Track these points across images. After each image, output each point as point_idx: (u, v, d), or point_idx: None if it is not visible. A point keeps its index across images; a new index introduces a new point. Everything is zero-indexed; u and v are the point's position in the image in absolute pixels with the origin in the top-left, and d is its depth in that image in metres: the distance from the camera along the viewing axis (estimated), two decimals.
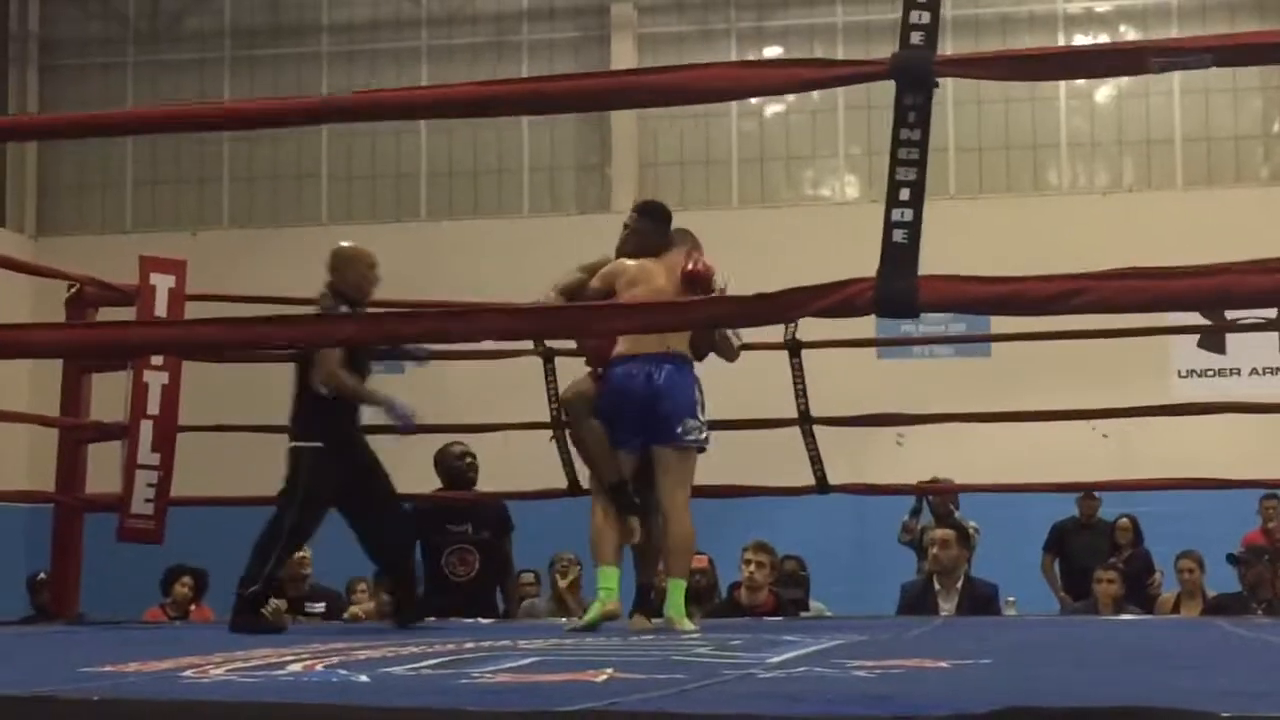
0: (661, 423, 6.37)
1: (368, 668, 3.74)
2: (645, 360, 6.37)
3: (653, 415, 6.37)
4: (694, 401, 6.41)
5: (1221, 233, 10.88)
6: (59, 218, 16.56)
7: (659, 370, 6.37)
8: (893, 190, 3.04)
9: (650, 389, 6.37)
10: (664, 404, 6.35)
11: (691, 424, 6.37)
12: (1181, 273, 3.02)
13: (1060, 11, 15.38)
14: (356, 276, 6.74)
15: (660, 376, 6.37)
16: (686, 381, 6.43)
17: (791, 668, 3.78)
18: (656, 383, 6.37)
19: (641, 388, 6.39)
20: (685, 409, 6.38)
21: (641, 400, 6.38)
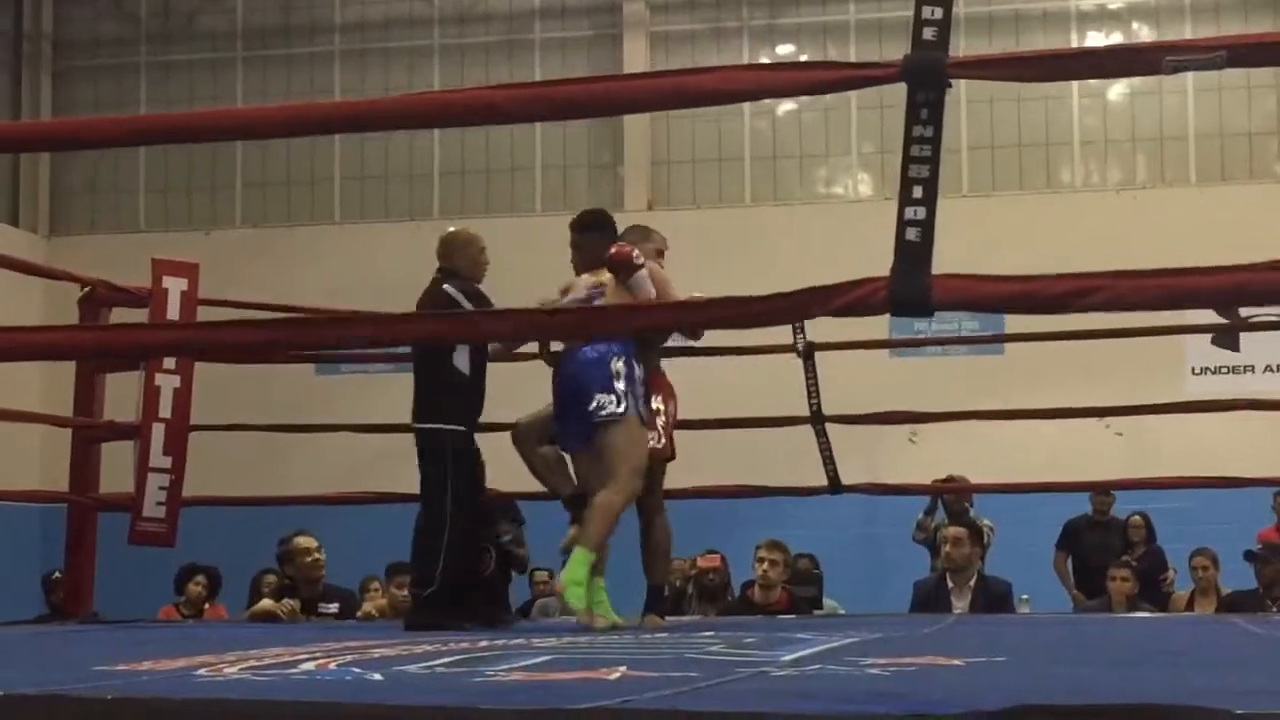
0: (582, 411, 6.27)
1: (381, 666, 3.74)
2: (570, 356, 6.36)
3: (574, 403, 6.30)
4: (609, 374, 6.26)
5: (1235, 229, 10.88)
6: (71, 217, 16.59)
7: (576, 354, 6.31)
8: (905, 188, 3.04)
9: (570, 384, 6.35)
10: (580, 391, 6.27)
11: (603, 398, 6.23)
12: (1195, 271, 3.02)
13: (1073, 9, 15.35)
14: (468, 261, 6.81)
15: (575, 359, 6.31)
16: (602, 354, 6.28)
17: (805, 666, 3.78)
18: (571, 373, 6.33)
19: (563, 386, 6.39)
20: (597, 385, 6.25)
21: (565, 397, 6.37)
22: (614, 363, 6.25)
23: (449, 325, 4.07)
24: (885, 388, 11.59)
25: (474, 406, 6.69)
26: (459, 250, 6.84)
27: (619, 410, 6.22)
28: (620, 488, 6.22)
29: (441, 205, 15.61)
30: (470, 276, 6.78)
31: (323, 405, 12.29)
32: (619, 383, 6.25)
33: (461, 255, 6.83)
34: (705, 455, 10.02)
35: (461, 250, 6.84)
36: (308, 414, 11.13)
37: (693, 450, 9.96)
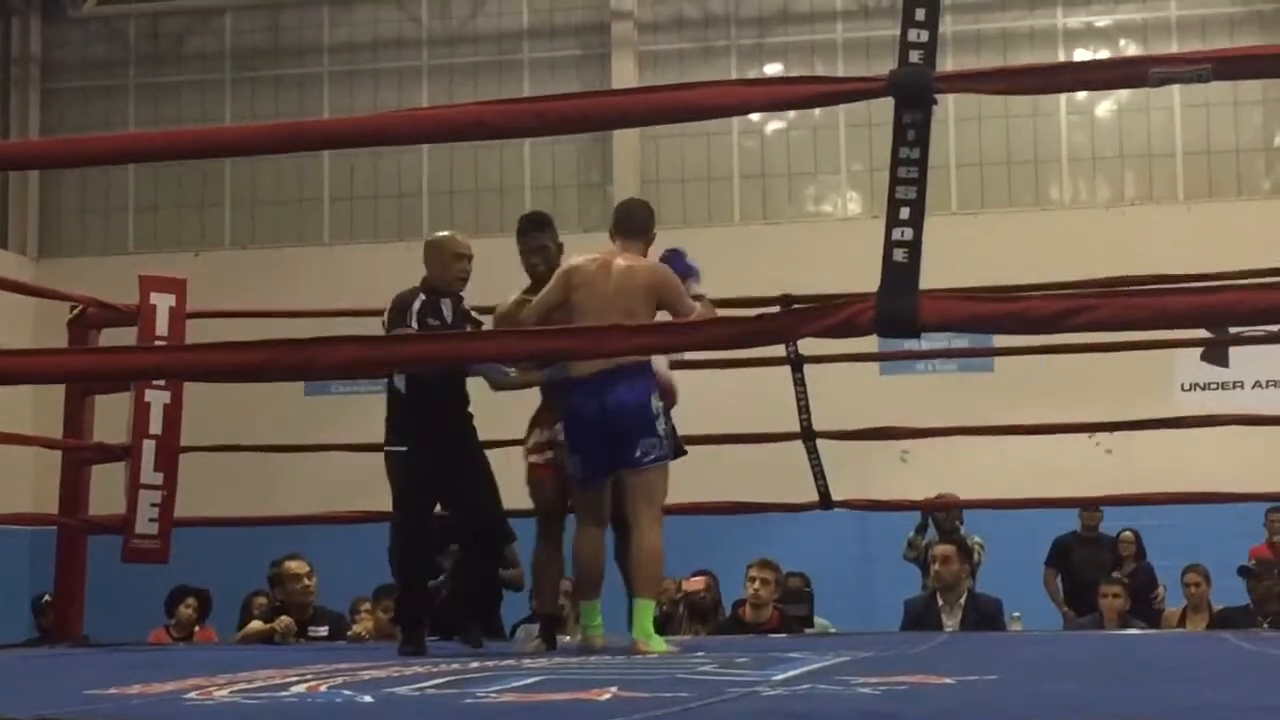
0: (619, 447, 6.13)
1: (372, 688, 3.73)
2: (595, 383, 6.09)
3: (609, 441, 6.12)
4: (651, 416, 6.14)
5: (1223, 246, 10.90)
6: (61, 239, 16.57)
7: (610, 392, 6.08)
8: (893, 209, 3.05)
9: (603, 417, 6.11)
10: (617, 428, 6.09)
11: (649, 443, 6.12)
12: (1183, 290, 3.03)
13: (1060, 26, 15.39)
14: (438, 266, 6.56)
15: (611, 399, 6.10)
16: (641, 395, 6.15)
17: (796, 685, 3.77)
18: (608, 408, 6.10)
19: (595, 417, 6.13)
20: (641, 427, 6.12)
21: (596, 430, 6.13)
22: (653, 402, 6.17)
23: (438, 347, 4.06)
24: (875, 406, 11.57)
25: (415, 423, 6.43)
26: (428, 256, 6.62)
27: (663, 453, 6.18)
28: (654, 531, 6.14)
29: (431, 225, 15.58)
30: (440, 283, 6.53)
31: (313, 425, 12.27)
32: (660, 423, 6.16)
33: (431, 260, 6.60)
34: (695, 472, 10.04)
35: (431, 256, 6.62)
36: (297, 434, 11.13)
37: (682, 467, 9.98)
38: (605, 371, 6.04)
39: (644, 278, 6.19)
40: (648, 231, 6.48)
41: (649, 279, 6.20)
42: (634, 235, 6.40)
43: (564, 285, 6.23)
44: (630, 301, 6.07)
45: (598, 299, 6.10)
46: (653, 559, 6.10)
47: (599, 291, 6.14)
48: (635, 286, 6.15)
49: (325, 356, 3.86)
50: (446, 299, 6.51)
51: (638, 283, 6.16)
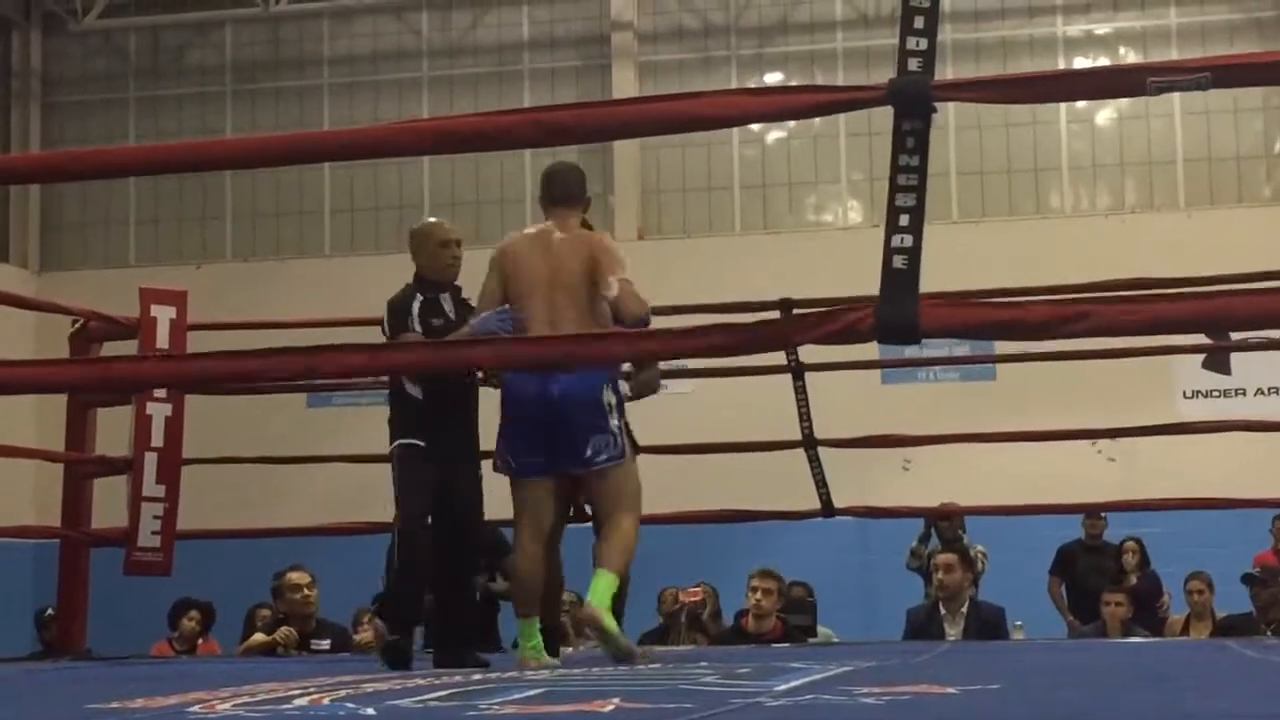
0: (563, 445, 5.56)
1: (374, 701, 3.73)
2: (544, 379, 5.49)
3: (551, 436, 5.54)
4: (602, 410, 5.53)
5: (1224, 252, 10.87)
6: (62, 253, 16.59)
7: (554, 379, 5.47)
8: (892, 217, 3.05)
9: (546, 407, 5.51)
10: (562, 422, 5.50)
11: (600, 440, 5.54)
12: (1183, 297, 3.03)
13: (1060, 35, 15.40)
14: (427, 257, 6.22)
15: (555, 388, 5.48)
16: (592, 385, 5.52)
17: (799, 695, 3.77)
18: (552, 397, 5.49)
19: (535, 406, 5.51)
20: (589, 422, 5.52)
21: (538, 421, 5.53)
22: (605, 395, 5.57)
23: (440, 354, 4.06)
24: (877, 414, 11.57)
25: (424, 423, 6.11)
26: (417, 247, 6.27)
27: (615, 453, 5.62)
28: (633, 515, 5.69)
29: None
30: (431, 274, 6.20)
31: (314, 437, 12.27)
32: (612, 419, 5.58)
33: (418, 251, 6.26)
34: (697, 481, 10.05)
35: (419, 246, 6.27)
36: (300, 446, 11.12)
37: (684, 476, 9.98)
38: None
39: (585, 250, 5.71)
40: (582, 198, 5.96)
41: (590, 250, 5.71)
42: (568, 203, 5.89)
43: (499, 271, 5.76)
44: (572, 280, 5.65)
45: (538, 281, 5.65)
46: (625, 539, 5.61)
47: (538, 273, 5.67)
48: (577, 261, 5.68)
49: (330, 364, 3.86)
50: (445, 293, 6.23)
51: (580, 256, 5.69)
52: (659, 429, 8.81)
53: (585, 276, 5.66)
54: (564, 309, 5.61)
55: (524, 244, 5.79)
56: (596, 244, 5.78)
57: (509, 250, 5.80)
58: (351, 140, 3.90)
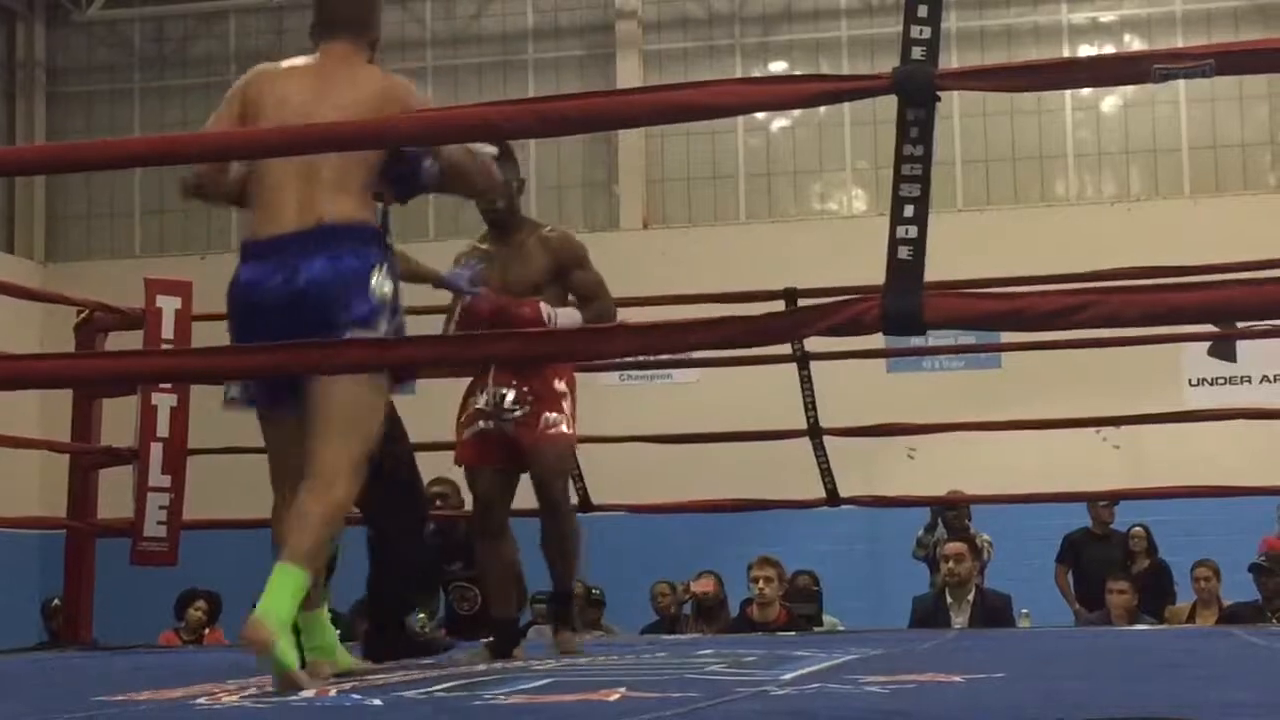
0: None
1: (381, 691, 3.73)
2: (284, 247, 4.06)
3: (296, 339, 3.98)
4: (368, 302, 4.06)
5: (1230, 240, 10.87)
6: (67, 244, 16.60)
7: (306, 262, 4.04)
8: (897, 207, 3.05)
9: (288, 300, 4.05)
10: (310, 316, 4.00)
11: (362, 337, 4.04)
12: (1188, 286, 3.03)
13: (1065, 22, 15.38)
14: None
15: (303, 275, 4.04)
16: (353, 269, 4.06)
17: (804, 684, 3.77)
18: (298, 285, 4.05)
19: (276, 299, 4.06)
20: (346, 316, 4.04)
21: (276, 320, 4.03)
22: (377, 281, 4.10)
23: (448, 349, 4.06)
24: (882, 403, 11.57)
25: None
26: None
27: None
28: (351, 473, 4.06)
29: (436, 226, 15.61)
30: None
31: None
32: (383, 315, 4.10)
33: None
34: (702, 470, 10.05)
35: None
36: None
37: (689, 465, 9.99)
38: (306, 231, 4.07)
39: (371, 89, 4.26)
40: (369, 25, 4.51)
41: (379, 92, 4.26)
42: (348, 31, 4.43)
43: (238, 104, 4.34)
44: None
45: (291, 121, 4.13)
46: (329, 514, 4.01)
47: (292, 111, 4.18)
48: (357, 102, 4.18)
49: (340, 359, 3.85)
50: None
51: (362, 96, 4.22)
52: (664, 418, 8.86)
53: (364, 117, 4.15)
54: (321, 162, 4.09)
55: (279, 71, 4.37)
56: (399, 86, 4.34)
57: (264, 77, 4.37)
58: (355, 131, 3.88)
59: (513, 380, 5.58)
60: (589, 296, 5.72)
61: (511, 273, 5.66)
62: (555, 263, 5.72)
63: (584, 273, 5.77)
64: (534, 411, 5.59)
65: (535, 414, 5.59)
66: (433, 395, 6.55)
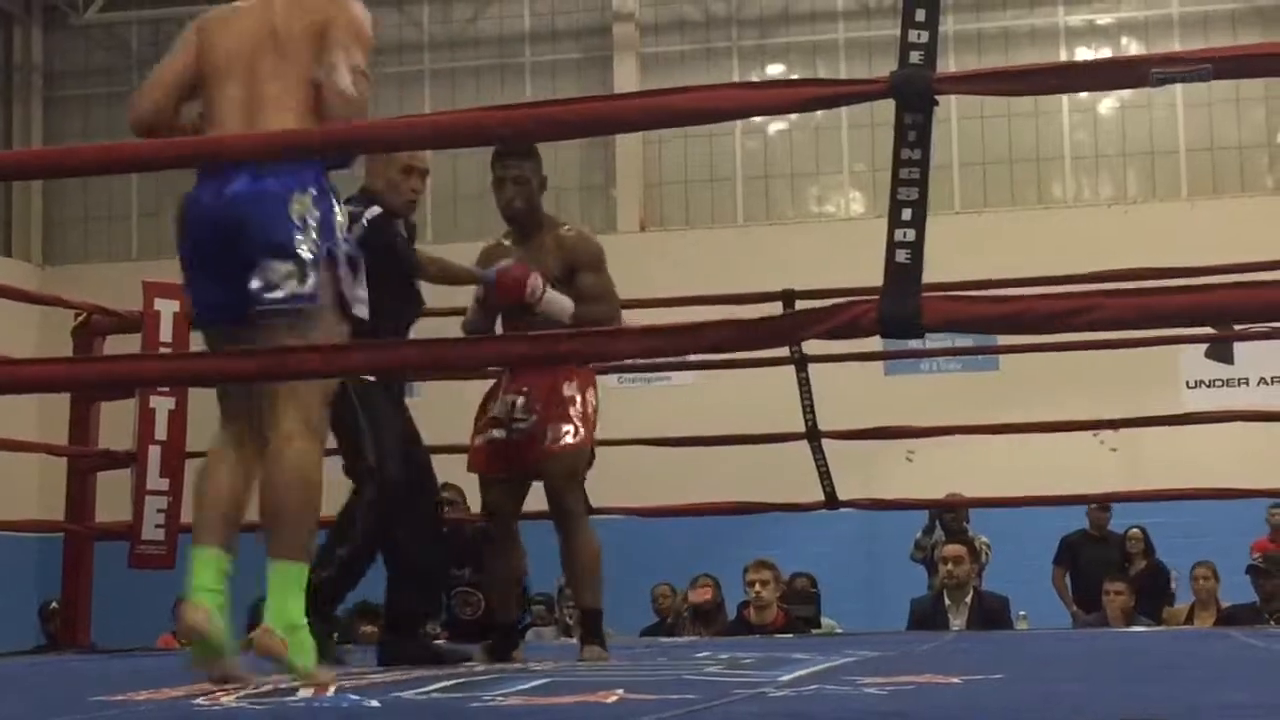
0: (235, 268, 3.85)
1: (379, 692, 3.73)
2: (218, 170, 3.91)
3: (224, 259, 3.87)
4: (289, 224, 3.81)
5: (1227, 242, 10.88)
6: (65, 247, 16.61)
7: (230, 182, 3.86)
8: (895, 210, 3.05)
9: (214, 212, 3.89)
10: (231, 233, 3.84)
11: (277, 270, 3.80)
12: (1186, 289, 3.03)
13: (1062, 25, 15.40)
14: (384, 182, 5.36)
15: (226, 192, 3.87)
16: (279, 186, 3.86)
17: (802, 686, 3.77)
18: (222, 201, 3.88)
19: (205, 213, 3.91)
20: (265, 237, 3.82)
21: (207, 232, 3.91)
22: (296, 201, 3.85)
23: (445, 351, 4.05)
24: (880, 406, 11.58)
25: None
26: (371, 168, 5.38)
27: (303, 290, 3.84)
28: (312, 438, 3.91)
29: (435, 230, 15.61)
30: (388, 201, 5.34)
31: None
32: (305, 240, 3.83)
33: (373, 173, 5.38)
34: (700, 473, 10.05)
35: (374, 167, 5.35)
36: None
37: (687, 469, 9.99)
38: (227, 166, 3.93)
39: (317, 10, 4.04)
40: None
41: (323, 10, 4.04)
42: None
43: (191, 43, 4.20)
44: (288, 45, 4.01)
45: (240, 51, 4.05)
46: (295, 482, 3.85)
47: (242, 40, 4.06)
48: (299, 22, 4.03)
49: (337, 363, 3.85)
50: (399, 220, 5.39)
51: (308, 16, 4.03)
52: (661, 421, 8.85)
53: (308, 44, 4.00)
54: (266, 82, 3.99)
55: (229, 10, 4.18)
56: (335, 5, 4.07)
57: (208, 20, 4.21)
58: (351, 134, 3.89)
59: (524, 387, 5.53)
60: (592, 299, 5.64)
61: None
62: (566, 263, 5.66)
63: (592, 277, 5.70)
64: (540, 423, 5.52)
65: (542, 426, 5.52)
66: (433, 399, 6.58)
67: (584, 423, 5.56)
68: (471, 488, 6.26)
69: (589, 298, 5.65)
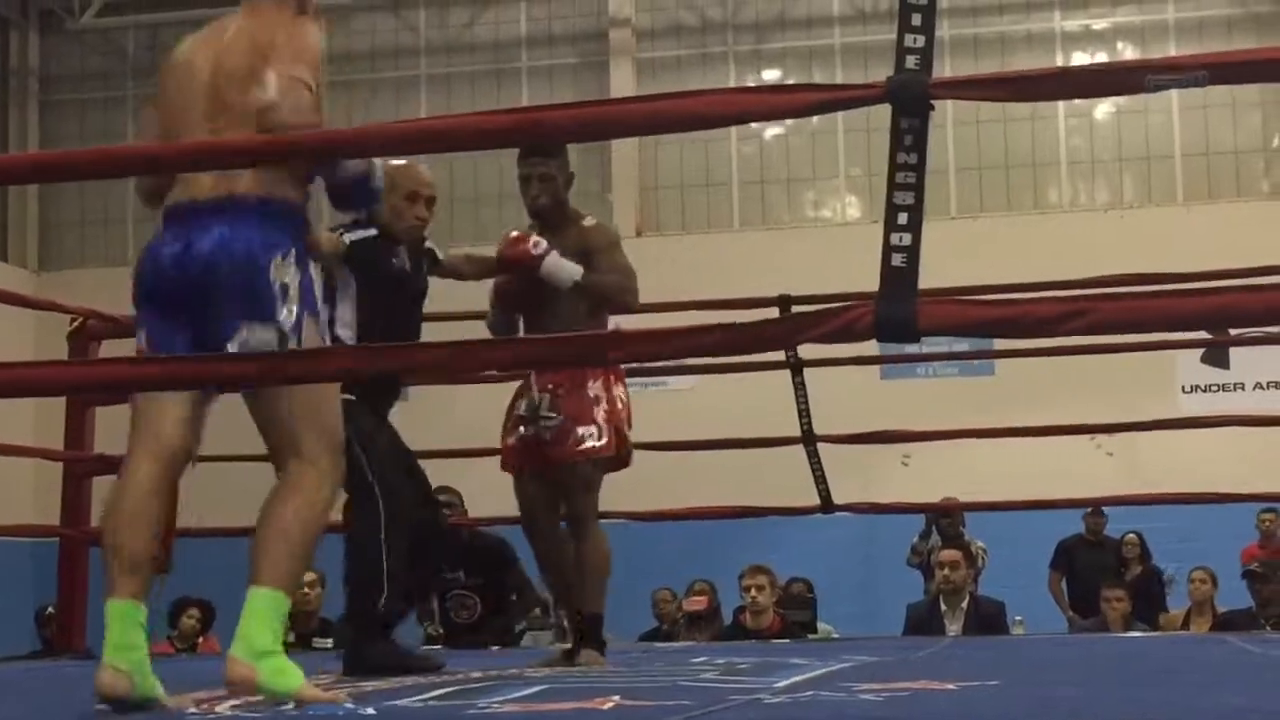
0: (203, 327, 3.71)
1: (375, 700, 3.73)
2: (186, 219, 3.76)
3: (188, 314, 3.72)
4: (264, 287, 3.68)
5: (1223, 247, 10.89)
6: (61, 251, 16.59)
7: (204, 231, 3.71)
8: (890, 215, 3.05)
9: (184, 266, 3.72)
10: (201, 292, 3.69)
11: (260, 333, 3.68)
12: (1183, 293, 3.03)
13: (1058, 30, 15.40)
14: (387, 208, 5.19)
15: (195, 248, 3.70)
16: (260, 245, 3.70)
17: (798, 692, 3.77)
18: (197, 254, 3.70)
19: (171, 265, 3.74)
20: (241, 300, 3.67)
21: (172, 288, 3.73)
22: (275, 267, 3.71)
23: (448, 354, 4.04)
24: (876, 410, 11.59)
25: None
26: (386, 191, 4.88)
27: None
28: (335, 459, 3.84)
29: (430, 233, 15.58)
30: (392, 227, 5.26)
31: None
32: (286, 306, 3.72)
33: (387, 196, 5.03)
34: (696, 477, 10.04)
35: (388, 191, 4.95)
36: None
37: (683, 473, 9.98)
38: (216, 199, 3.75)
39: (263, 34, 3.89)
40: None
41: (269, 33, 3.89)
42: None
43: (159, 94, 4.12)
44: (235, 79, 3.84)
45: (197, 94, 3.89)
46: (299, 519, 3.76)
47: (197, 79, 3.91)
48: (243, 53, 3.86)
49: (328, 367, 3.84)
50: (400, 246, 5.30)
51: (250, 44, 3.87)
52: (658, 425, 8.82)
53: (250, 74, 3.84)
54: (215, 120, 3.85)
55: (189, 44, 4.03)
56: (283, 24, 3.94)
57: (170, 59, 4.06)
58: (347, 139, 3.88)
59: (549, 384, 5.53)
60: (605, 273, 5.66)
61: None
62: (582, 249, 5.66)
63: (607, 257, 5.70)
64: (564, 425, 5.52)
65: (565, 428, 5.52)
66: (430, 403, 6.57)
67: (609, 423, 5.57)
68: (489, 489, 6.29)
69: (602, 272, 5.66)
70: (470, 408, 11.66)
